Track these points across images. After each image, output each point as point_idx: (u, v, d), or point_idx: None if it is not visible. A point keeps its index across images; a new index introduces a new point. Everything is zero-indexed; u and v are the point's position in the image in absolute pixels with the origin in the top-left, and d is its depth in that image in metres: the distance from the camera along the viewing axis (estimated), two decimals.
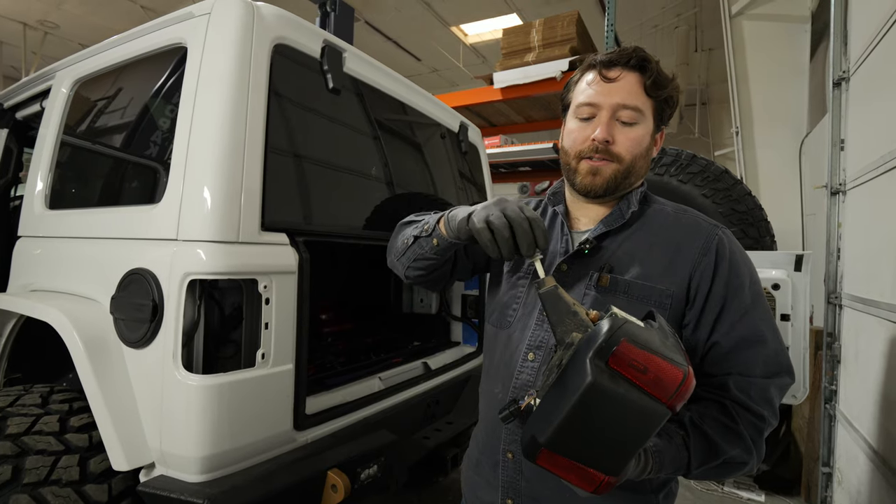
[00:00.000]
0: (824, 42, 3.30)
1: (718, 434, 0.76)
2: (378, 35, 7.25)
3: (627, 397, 0.58)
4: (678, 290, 0.82)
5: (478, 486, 0.97)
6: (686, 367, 0.59)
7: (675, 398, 0.58)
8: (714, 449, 0.76)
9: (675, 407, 0.58)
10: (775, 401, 0.80)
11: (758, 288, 0.84)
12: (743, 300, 0.81)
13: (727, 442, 0.76)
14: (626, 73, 0.85)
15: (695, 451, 0.76)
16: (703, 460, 0.76)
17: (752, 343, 0.80)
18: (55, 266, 1.60)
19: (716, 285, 0.81)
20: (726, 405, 0.78)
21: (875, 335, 1.96)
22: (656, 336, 0.61)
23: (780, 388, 0.81)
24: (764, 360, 0.80)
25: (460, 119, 2.46)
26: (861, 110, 2.32)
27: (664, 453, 0.73)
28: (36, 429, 1.25)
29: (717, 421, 0.77)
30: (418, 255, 0.98)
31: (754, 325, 0.80)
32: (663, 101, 0.87)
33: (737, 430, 0.77)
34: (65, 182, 1.75)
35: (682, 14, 6.32)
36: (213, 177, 1.23)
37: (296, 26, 1.47)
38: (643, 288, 0.82)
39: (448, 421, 2.04)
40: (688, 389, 0.58)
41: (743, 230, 2.75)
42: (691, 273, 0.82)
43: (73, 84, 1.77)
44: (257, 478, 1.21)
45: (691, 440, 0.76)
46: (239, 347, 1.24)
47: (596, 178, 0.86)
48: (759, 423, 0.78)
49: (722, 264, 0.82)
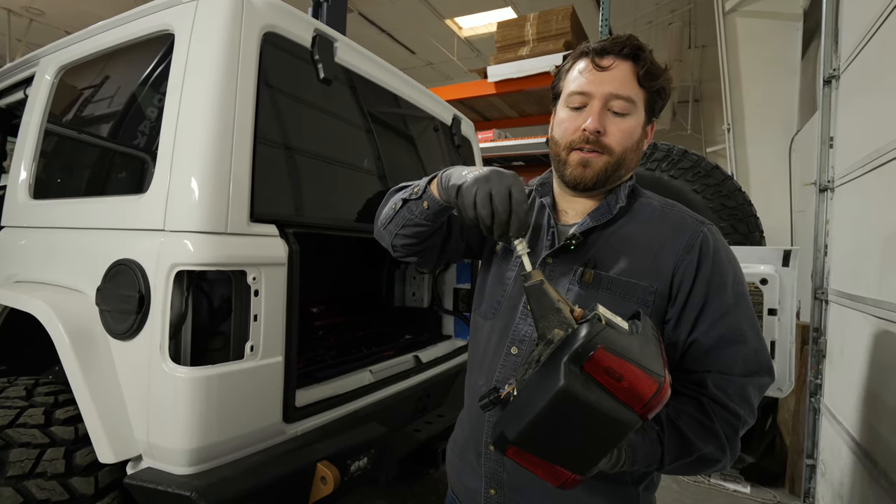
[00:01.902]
0: (816, 40, 3.33)
1: (693, 431, 0.76)
2: (372, 27, 7.18)
3: (599, 404, 0.58)
4: (661, 286, 0.81)
5: (462, 472, 0.97)
6: (662, 377, 0.58)
7: (648, 408, 0.58)
8: (688, 445, 0.76)
9: (647, 416, 0.58)
10: (753, 400, 0.79)
11: (741, 287, 0.83)
12: (724, 298, 0.80)
13: (702, 439, 0.76)
14: (619, 62, 0.83)
15: (669, 447, 0.76)
16: (676, 456, 0.76)
17: (732, 342, 0.79)
18: (40, 257, 1.57)
19: (698, 283, 0.80)
20: (703, 402, 0.78)
21: (860, 330, 1.99)
22: (636, 343, 0.60)
23: (758, 387, 0.80)
24: (743, 359, 0.79)
25: (453, 112, 2.45)
26: (850, 108, 2.34)
27: (637, 448, 0.73)
28: (20, 421, 1.23)
29: (693, 418, 0.77)
30: (407, 221, 0.92)
31: (735, 323, 0.80)
32: (655, 93, 0.85)
33: (712, 427, 0.77)
34: (49, 171, 1.71)
35: (676, 10, 6.33)
36: (201, 167, 1.21)
37: (286, 14, 1.45)
38: (626, 284, 0.82)
39: (439, 414, 2.04)
40: (661, 400, 0.58)
41: (732, 225, 2.77)
42: (674, 270, 0.81)
43: (57, 71, 1.74)
44: (246, 470, 1.20)
45: (666, 436, 0.76)
46: (227, 339, 1.22)
47: (586, 171, 0.84)
48: (735, 422, 0.78)
49: (705, 262, 0.81)
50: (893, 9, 1.80)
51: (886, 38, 1.90)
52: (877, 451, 1.78)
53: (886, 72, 1.87)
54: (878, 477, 1.73)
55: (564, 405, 0.58)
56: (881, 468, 1.72)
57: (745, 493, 2.78)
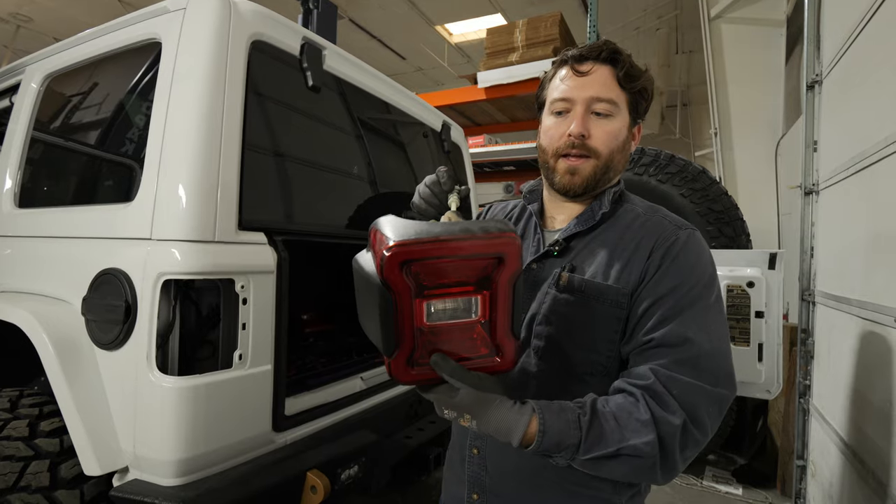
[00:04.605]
0: (799, 45, 3.38)
1: (620, 419, 0.71)
2: (362, 33, 7.20)
3: (358, 264, 0.68)
4: (632, 289, 0.81)
5: (450, 481, 0.98)
6: (395, 238, 0.61)
7: (381, 268, 0.60)
8: (611, 433, 0.70)
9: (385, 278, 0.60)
10: (701, 409, 0.71)
11: (703, 290, 0.78)
12: (679, 298, 0.77)
13: (628, 429, 0.70)
14: (598, 67, 0.85)
15: (587, 431, 0.70)
16: (595, 442, 0.70)
17: (682, 343, 0.74)
18: (25, 266, 1.55)
19: (655, 277, 0.79)
20: (637, 395, 0.73)
21: (846, 331, 2.02)
22: (413, 224, 0.64)
23: (709, 396, 0.73)
24: (692, 363, 0.73)
25: (443, 118, 2.46)
26: (833, 112, 2.39)
27: (549, 423, 0.69)
28: (4, 434, 1.21)
29: (623, 407, 0.72)
30: None
31: (687, 323, 0.75)
32: (637, 94, 0.86)
33: (642, 419, 0.70)
34: (35, 180, 1.70)
35: (663, 16, 6.42)
36: (188, 175, 1.21)
37: (274, 23, 1.45)
38: (598, 287, 0.82)
39: (430, 420, 2.03)
40: (388, 259, 0.60)
41: (719, 229, 2.80)
42: (642, 271, 0.81)
43: (43, 79, 1.72)
44: (234, 480, 1.19)
45: (587, 417, 0.71)
46: (215, 348, 1.22)
47: (575, 178, 0.86)
48: (674, 422, 0.70)
49: (666, 261, 0.79)
50: (874, 14, 1.85)
51: (867, 43, 1.94)
52: (864, 451, 1.80)
53: (867, 76, 1.91)
54: (866, 476, 1.75)
55: (355, 276, 0.70)
56: (869, 468, 1.74)
57: (736, 494, 2.80)
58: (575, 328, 0.83)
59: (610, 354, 0.82)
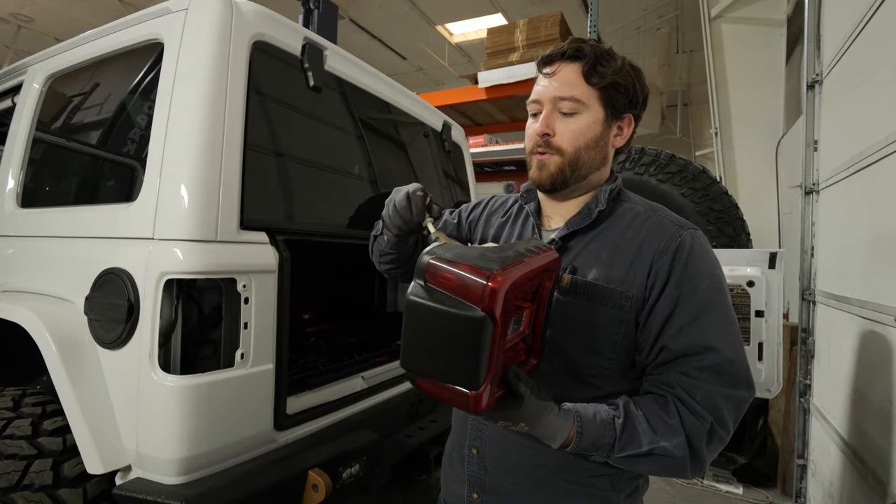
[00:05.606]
0: (799, 45, 3.39)
1: (652, 422, 0.74)
2: (363, 33, 7.21)
3: (441, 303, 0.62)
4: (637, 291, 0.80)
5: (450, 478, 0.98)
6: (492, 268, 0.61)
7: (487, 299, 0.59)
8: (644, 435, 0.73)
9: (491, 309, 0.59)
10: (724, 412, 0.75)
11: (715, 294, 0.79)
12: (695, 304, 0.77)
13: (660, 432, 0.73)
14: (563, 65, 0.86)
15: (622, 432, 0.74)
16: (629, 442, 0.73)
17: (701, 349, 0.76)
18: (27, 266, 1.56)
19: (668, 287, 0.79)
20: (668, 399, 0.76)
21: (846, 331, 2.02)
22: (468, 251, 0.65)
23: (730, 399, 0.76)
24: (712, 368, 0.76)
25: (443, 118, 2.46)
26: (833, 112, 2.39)
27: (587, 424, 0.73)
28: (7, 433, 1.22)
29: (654, 411, 0.75)
30: (380, 251, 1.09)
31: (705, 330, 0.77)
32: (610, 88, 0.84)
33: (673, 423, 0.74)
34: (37, 180, 1.70)
35: (663, 16, 6.41)
36: (190, 174, 1.21)
37: (275, 23, 1.45)
38: (603, 290, 0.81)
39: (431, 419, 2.04)
40: (497, 290, 0.59)
41: (719, 228, 2.81)
42: (648, 274, 0.80)
43: (45, 79, 1.73)
44: (236, 479, 1.20)
45: (621, 419, 0.74)
46: (217, 347, 1.22)
47: (542, 173, 0.88)
48: (700, 426, 0.74)
49: (677, 266, 0.79)
50: (874, 14, 1.85)
51: (867, 43, 1.94)
52: (865, 450, 1.81)
53: (867, 76, 1.91)
54: (866, 476, 1.76)
55: (416, 316, 0.64)
56: (869, 467, 1.74)
57: (737, 493, 2.80)
58: (577, 330, 0.83)
59: (611, 356, 0.82)
